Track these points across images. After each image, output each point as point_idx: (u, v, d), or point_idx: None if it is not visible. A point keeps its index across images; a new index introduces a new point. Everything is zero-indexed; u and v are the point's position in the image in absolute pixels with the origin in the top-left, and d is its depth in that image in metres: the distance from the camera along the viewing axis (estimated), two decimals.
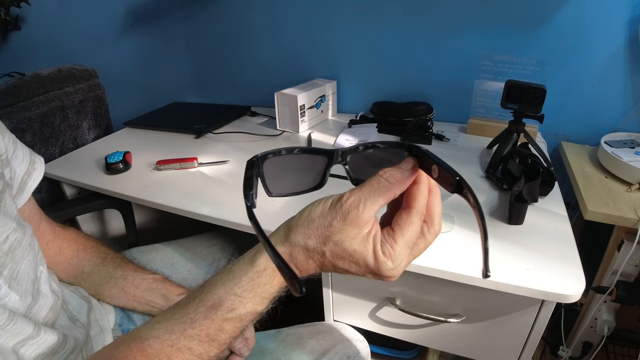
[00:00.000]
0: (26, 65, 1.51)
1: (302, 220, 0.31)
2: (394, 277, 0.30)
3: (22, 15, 1.56)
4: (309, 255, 0.31)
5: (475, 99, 0.99)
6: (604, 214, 0.69)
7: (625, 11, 0.84)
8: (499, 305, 0.57)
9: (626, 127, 0.93)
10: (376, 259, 0.29)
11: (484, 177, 0.77)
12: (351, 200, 0.29)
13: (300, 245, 0.31)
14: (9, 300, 0.38)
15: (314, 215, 0.31)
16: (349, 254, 0.30)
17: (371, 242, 0.30)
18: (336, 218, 0.29)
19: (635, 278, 0.77)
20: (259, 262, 0.32)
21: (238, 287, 0.32)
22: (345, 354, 0.57)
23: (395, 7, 1.02)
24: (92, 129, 1.12)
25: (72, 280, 0.57)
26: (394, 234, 0.30)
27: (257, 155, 0.30)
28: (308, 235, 0.30)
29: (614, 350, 0.96)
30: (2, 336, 0.36)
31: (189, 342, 0.31)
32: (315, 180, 0.32)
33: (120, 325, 0.61)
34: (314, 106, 1.05)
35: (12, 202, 0.43)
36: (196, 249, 0.75)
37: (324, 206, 0.31)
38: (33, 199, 0.53)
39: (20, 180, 0.49)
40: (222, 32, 1.26)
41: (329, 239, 0.30)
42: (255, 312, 0.32)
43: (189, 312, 0.32)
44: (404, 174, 0.30)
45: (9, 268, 0.39)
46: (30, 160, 0.51)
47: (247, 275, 0.32)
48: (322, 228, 0.30)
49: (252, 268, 0.32)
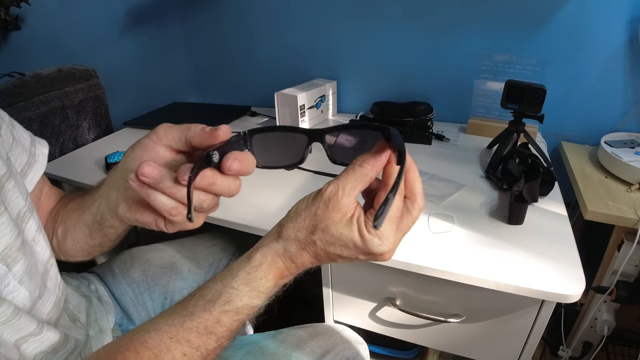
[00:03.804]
0: (26, 65, 1.51)
1: (291, 216, 0.34)
2: (384, 252, 0.32)
3: (22, 15, 1.56)
4: (302, 247, 0.33)
5: (475, 99, 0.99)
6: (604, 214, 0.69)
7: (625, 11, 0.84)
8: (499, 305, 0.57)
9: (626, 127, 0.93)
10: (363, 238, 0.31)
11: (484, 177, 0.77)
12: (330, 188, 0.32)
13: (292, 239, 0.33)
14: (17, 294, 0.38)
15: (300, 210, 0.33)
16: (337, 238, 0.32)
17: (355, 223, 0.32)
18: (319, 207, 0.32)
19: (635, 278, 0.77)
20: (255, 257, 0.34)
21: (235, 281, 0.33)
22: (344, 356, 0.57)
23: (396, 7, 1.02)
24: (92, 129, 1.12)
25: (86, 254, 0.51)
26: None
27: (247, 130, 0.35)
28: (297, 228, 0.33)
29: (614, 350, 0.96)
30: (5, 331, 0.36)
31: (188, 334, 0.32)
32: (297, 156, 0.36)
33: (120, 326, 0.61)
34: (314, 106, 1.05)
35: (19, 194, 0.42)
36: (197, 249, 0.75)
37: (307, 200, 0.34)
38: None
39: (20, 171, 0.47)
40: (222, 32, 1.26)
41: (316, 228, 0.32)
42: (251, 305, 0.33)
43: (189, 306, 0.33)
44: (376, 157, 0.32)
45: (21, 263, 0.39)
46: (30, 152, 0.49)
47: (243, 270, 0.33)
48: (308, 219, 0.33)
49: (248, 263, 0.34)
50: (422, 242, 0.57)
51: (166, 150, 0.36)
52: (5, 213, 0.37)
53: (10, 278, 0.37)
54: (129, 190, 0.38)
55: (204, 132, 0.34)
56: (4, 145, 0.43)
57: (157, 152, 0.36)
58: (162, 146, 0.36)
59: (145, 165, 0.31)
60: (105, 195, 0.41)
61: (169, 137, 0.36)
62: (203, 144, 0.34)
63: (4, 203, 0.37)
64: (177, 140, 0.36)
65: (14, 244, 0.38)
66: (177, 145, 0.36)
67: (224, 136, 0.33)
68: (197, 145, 0.35)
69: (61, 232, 0.48)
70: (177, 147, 0.36)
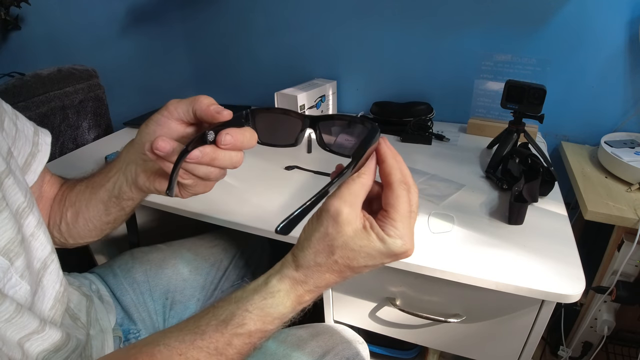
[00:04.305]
0: (26, 65, 1.51)
1: (302, 244, 0.33)
2: (409, 250, 0.32)
3: (22, 15, 1.56)
4: (324, 270, 0.33)
5: (475, 99, 0.99)
6: (604, 214, 0.69)
7: (625, 11, 0.84)
8: (499, 305, 0.57)
9: (626, 127, 0.93)
10: (385, 243, 0.31)
11: (484, 177, 0.77)
12: (335, 204, 0.31)
13: (312, 266, 0.33)
14: (19, 289, 0.38)
15: (310, 234, 0.33)
16: (358, 251, 0.31)
17: (372, 232, 0.31)
18: (329, 225, 0.31)
19: (635, 278, 0.77)
20: (272, 283, 0.33)
21: (250, 304, 0.33)
22: (344, 356, 0.57)
23: (396, 7, 1.02)
24: (92, 129, 1.12)
25: (98, 232, 0.52)
26: (389, 214, 0.32)
27: (249, 109, 0.37)
28: (314, 253, 0.32)
29: (614, 350, 0.96)
30: (9, 329, 0.36)
31: (198, 353, 0.31)
32: (292, 138, 0.38)
33: (121, 326, 0.61)
34: (314, 106, 1.05)
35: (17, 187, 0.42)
36: (198, 250, 0.75)
37: (313, 222, 0.33)
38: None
39: (24, 162, 0.47)
40: (223, 32, 1.26)
41: (333, 247, 0.31)
42: (264, 330, 0.33)
43: (201, 324, 0.33)
44: (368, 164, 0.33)
45: (22, 258, 0.39)
46: (33, 142, 0.49)
47: (259, 294, 0.33)
48: (322, 241, 0.32)
49: (265, 288, 0.33)
50: (422, 242, 0.57)
51: (178, 123, 0.39)
52: (6, 209, 0.37)
53: (12, 272, 0.37)
54: (147, 162, 0.41)
55: (209, 109, 0.36)
56: (5, 139, 0.43)
57: (169, 126, 0.39)
58: (174, 120, 0.39)
59: (159, 140, 0.34)
60: (122, 170, 0.44)
61: (179, 110, 0.38)
62: (206, 118, 0.36)
63: (4, 199, 0.38)
64: (186, 113, 0.38)
65: (16, 238, 0.38)
66: (187, 118, 0.38)
67: (226, 118, 0.36)
68: (201, 117, 0.37)
69: (71, 215, 0.50)
70: (187, 119, 0.38)
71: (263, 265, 0.86)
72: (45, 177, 0.52)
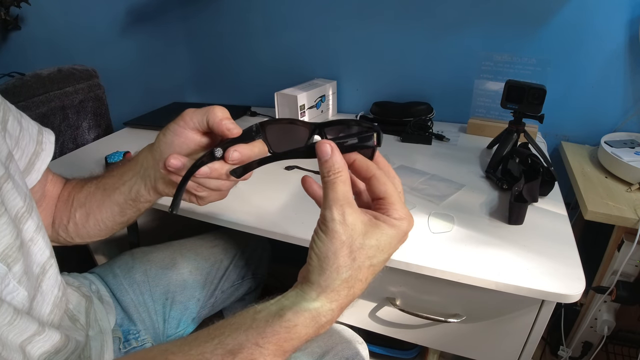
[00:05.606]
0: (26, 65, 1.51)
1: (320, 267, 0.31)
2: (411, 226, 0.33)
3: (22, 15, 1.56)
4: (351, 284, 0.31)
5: (475, 99, 0.99)
6: (604, 214, 0.69)
7: (625, 11, 0.84)
8: (499, 305, 0.57)
9: (626, 127, 0.93)
10: (395, 227, 0.31)
11: (484, 177, 0.77)
12: (334, 209, 0.31)
13: (337, 285, 0.31)
14: (16, 295, 0.38)
15: (324, 253, 0.31)
16: (376, 246, 0.31)
17: (378, 221, 0.31)
18: (341, 232, 0.30)
19: (635, 278, 0.77)
20: (287, 316, 0.30)
21: (261, 338, 0.30)
22: (344, 356, 0.57)
23: (396, 7, 1.02)
24: (92, 129, 1.12)
25: (109, 231, 0.52)
26: (386, 200, 0.32)
27: (258, 122, 0.38)
28: (337, 270, 0.30)
29: (614, 350, 0.96)
30: (10, 332, 0.36)
31: None
32: (301, 144, 0.38)
33: (120, 326, 0.61)
34: (314, 106, 1.05)
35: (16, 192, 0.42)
36: (198, 250, 0.75)
37: (318, 242, 0.31)
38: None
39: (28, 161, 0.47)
40: (222, 32, 1.26)
41: (353, 252, 0.30)
42: None
43: (206, 351, 0.30)
44: (332, 160, 0.32)
45: (20, 263, 0.39)
46: (37, 141, 0.49)
47: (272, 328, 0.30)
48: (340, 252, 0.30)
49: (279, 321, 0.30)
50: (422, 242, 0.57)
51: (193, 132, 0.40)
52: (5, 214, 0.37)
53: (10, 278, 0.37)
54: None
55: (221, 123, 0.38)
56: (7, 142, 0.43)
57: (186, 135, 0.40)
58: (189, 129, 0.40)
59: (170, 158, 0.38)
60: (140, 174, 0.46)
61: (194, 120, 0.40)
62: (217, 132, 0.38)
63: (3, 204, 0.38)
64: (201, 123, 0.40)
65: (14, 244, 0.38)
66: (202, 128, 0.40)
67: (235, 136, 0.37)
68: (212, 129, 0.39)
69: (80, 216, 0.50)
70: (202, 129, 0.40)
71: (263, 265, 0.86)
72: (49, 176, 0.52)
